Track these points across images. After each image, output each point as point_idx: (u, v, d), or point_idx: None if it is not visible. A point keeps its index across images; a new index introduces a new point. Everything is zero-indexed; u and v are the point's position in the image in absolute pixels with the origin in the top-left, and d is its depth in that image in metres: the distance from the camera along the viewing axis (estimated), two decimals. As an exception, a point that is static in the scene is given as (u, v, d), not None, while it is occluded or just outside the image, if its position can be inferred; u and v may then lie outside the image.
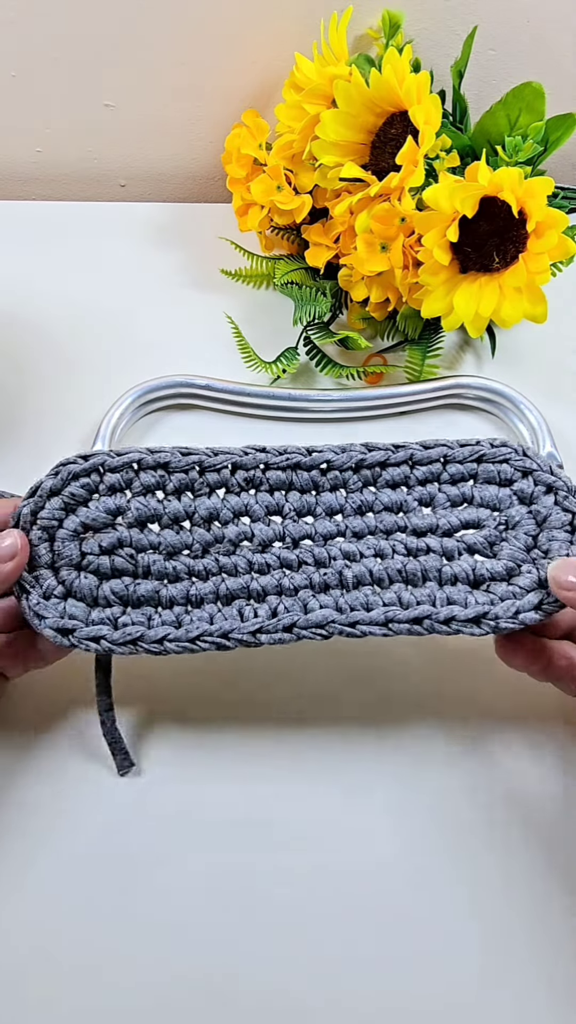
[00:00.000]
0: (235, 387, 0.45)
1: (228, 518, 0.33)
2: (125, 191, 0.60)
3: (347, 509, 0.34)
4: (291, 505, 0.34)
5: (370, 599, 0.32)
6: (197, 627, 0.31)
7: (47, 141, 0.56)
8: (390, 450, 0.34)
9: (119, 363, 0.47)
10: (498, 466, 0.34)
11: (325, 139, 0.43)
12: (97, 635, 0.31)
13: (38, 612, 0.31)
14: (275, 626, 0.31)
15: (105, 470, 0.33)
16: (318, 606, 0.32)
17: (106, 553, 0.32)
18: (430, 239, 0.41)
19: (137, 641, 0.31)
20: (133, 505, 0.33)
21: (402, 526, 0.33)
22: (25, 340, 0.49)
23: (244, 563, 0.33)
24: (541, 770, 0.35)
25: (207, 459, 0.33)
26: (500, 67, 0.53)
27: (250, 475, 0.34)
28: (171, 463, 0.33)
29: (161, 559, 0.32)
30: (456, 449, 0.34)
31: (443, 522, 0.33)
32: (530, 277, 0.40)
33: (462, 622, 0.31)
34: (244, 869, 0.32)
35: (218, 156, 0.53)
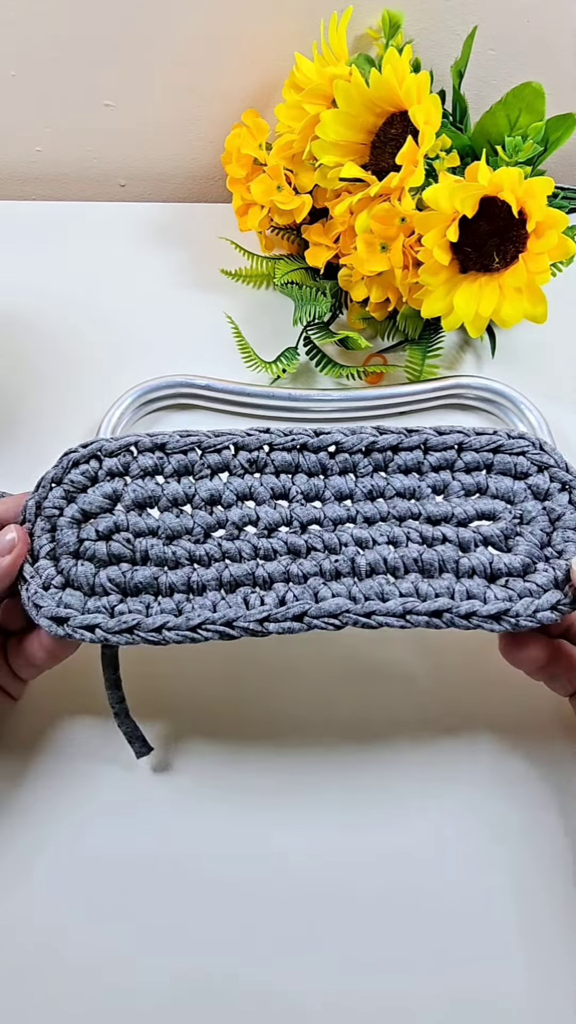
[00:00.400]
0: (235, 387, 0.45)
1: (231, 501, 0.32)
2: (125, 191, 0.60)
3: (357, 494, 0.32)
4: (298, 488, 0.32)
5: (385, 589, 0.30)
6: (198, 615, 0.29)
7: (47, 141, 0.56)
8: (403, 434, 0.33)
9: (119, 363, 0.47)
10: (515, 458, 0.33)
11: (325, 139, 0.43)
12: (92, 623, 0.30)
13: (35, 602, 0.30)
14: (284, 614, 0.29)
15: (104, 455, 0.32)
16: (330, 594, 0.30)
17: (103, 539, 0.31)
18: (430, 239, 0.41)
19: (134, 629, 0.29)
20: (130, 488, 0.32)
21: (415, 513, 0.32)
22: (25, 340, 0.49)
23: (249, 548, 0.31)
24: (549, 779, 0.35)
25: (207, 440, 0.32)
26: (500, 67, 0.53)
27: (254, 456, 0.32)
28: (169, 444, 0.32)
29: (160, 544, 0.31)
30: (472, 437, 0.33)
31: (459, 511, 0.32)
32: (530, 277, 0.40)
33: (483, 618, 0.30)
34: (249, 877, 0.32)
35: (218, 156, 0.53)
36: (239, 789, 0.34)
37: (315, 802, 0.34)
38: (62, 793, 0.34)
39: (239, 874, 0.32)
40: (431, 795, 0.34)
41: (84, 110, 0.55)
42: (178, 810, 0.34)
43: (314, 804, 0.34)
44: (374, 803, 0.34)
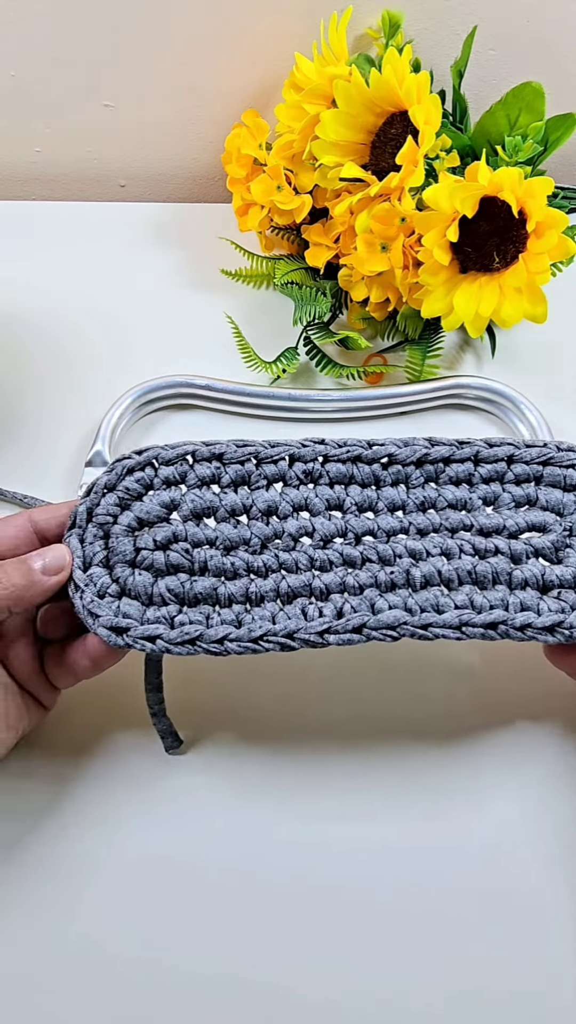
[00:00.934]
0: (235, 387, 0.45)
1: (287, 512, 0.32)
2: (125, 191, 0.60)
3: (409, 505, 0.33)
4: (352, 499, 0.32)
5: (440, 600, 0.30)
6: (260, 626, 0.30)
7: (47, 141, 0.56)
8: (454, 445, 0.33)
9: (119, 363, 0.47)
10: (564, 471, 0.33)
11: (325, 139, 0.43)
12: (153, 634, 0.30)
13: (92, 611, 0.30)
14: (344, 627, 0.30)
15: (160, 463, 0.32)
16: (387, 606, 0.30)
17: (160, 548, 0.31)
18: (430, 239, 0.41)
19: (196, 640, 0.29)
20: (188, 498, 0.32)
21: (467, 525, 0.32)
22: (25, 340, 0.49)
23: (305, 559, 0.31)
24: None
25: (264, 450, 0.32)
26: (500, 67, 0.53)
27: (309, 468, 0.32)
28: (226, 454, 0.32)
29: (218, 555, 0.31)
30: (523, 449, 0.33)
31: (510, 523, 0.32)
32: (530, 277, 0.40)
33: (537, 629, 0.30)
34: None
35: (218, 156, 0.53)
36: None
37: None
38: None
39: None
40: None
41: (84, 110, 0.55)
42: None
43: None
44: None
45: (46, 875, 0.32)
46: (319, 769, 0.35)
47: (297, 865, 0.32)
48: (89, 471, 0.41)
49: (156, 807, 0.33)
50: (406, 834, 0.33)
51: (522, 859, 0.33)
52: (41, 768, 0.34)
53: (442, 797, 0.34)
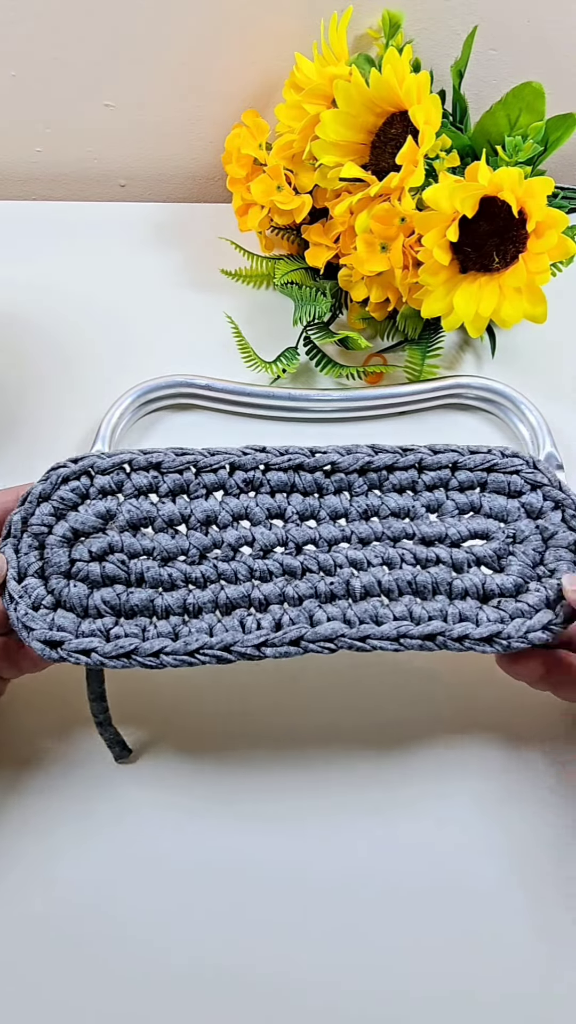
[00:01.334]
0: (235, 387, 0.45)
1: (227, 521, 0.32)
2: (125, 191, 0.60)
3: (352, 513, 0.32)
4: (293, 508, 0.32)
5: (379, 611, 0.30)
6: (196, 639, 0.29)
7: (47, 141, 0.56)
8: (398, 453, 0.33)
9: (119, 363, 0.47)
10: (508, 477, 0.33)
11: (325, 139, 0.43)
12: (88, 648, 0.29)
13: (26, 624, 0.29)
14: (280, 639, 0.29)
15: (95, 472, 0.31)
16: (325, 618, 0.30)
17: (96, 559, 0.31)
18: (430, 239, 0.41)
19: (131, 655, 0.29)
20: (124, 508, 0.31)
21: (410, 533, 0.32)
22: (25, 340, 0.49)
23: (245, 570, 0.31)
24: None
25: (203, 459, 0.32)
26: (500, 67, 0.53)
27: (249, 476, 0.32)
28: (164, 463, 0.32)
29: (155, 565, 0.31)
30: (467, 456, 0.33)
31: (452, 531, 0.32)
32: (530, 277, 0.40)
33: (475, 640, 0.30)
34: (242, 876, 0.32)
35: (218, 156, 0.53)
36: (225, 791, 0.34)
37: (303, 802, 0.34)
38: (59, 790, 0.34)
39: (232, 871, 0.32)
40: (438, 793, 0.34)
41: (84, 110, 0.55)
42: (165, 814, 0.33)
43: (302, 804, 0.34)
44: (379, 800, 0.34)
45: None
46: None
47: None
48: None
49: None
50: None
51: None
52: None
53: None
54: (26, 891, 0.32)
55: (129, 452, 0.32)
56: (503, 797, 0.34)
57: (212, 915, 0.31)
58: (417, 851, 0.33)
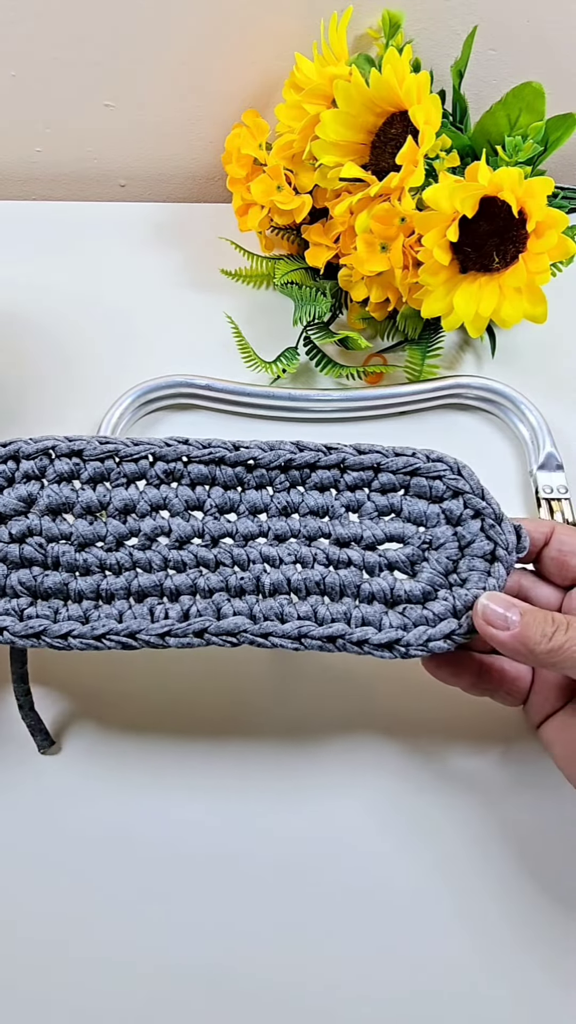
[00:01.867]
0: (235, 387, 0.45)
1: (145, 511, 0.32)
2: (125, 191, 0.60)
3: (272, 509, 0.32)
4: (213, 501, 0.32)
5: (285, 609, 0.31)
6: (104, 624, 0.30)
7: (47, 141, 0.56)
8: (321, 451, 0.33)
9: (119, 363, 0.47)
10: (431, 481, 0.32)
11: (325, 139, 0.43)
12: (0, 626, 0.30)
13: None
14: (184, 630, 0.30)
15: (21, 457, 0.32)
16: (231, 612, 0.31)
17: (15, 541, 0.31)
18: (430, 239, 0.41)
19: (40, 635, 0.30)
20: (45, 492, 0.32)
21: (326, 533, 0.32)
22: (25, 340, 0.49)
23: (159, 559, 0.31)
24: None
25: (124, 448, 0.32)
26: (500, 67, 0.53)
27: (170, 467, 0.32)
28: (86, 451, 0.32)
29: (72, 550, 0.31)
30: (391, 458, 0.32)
31: (367, 534, 0.32)
32: (530, 277, 0.40)
33: (374, 646, 0.30)
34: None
35: (218, 156, 0.53)
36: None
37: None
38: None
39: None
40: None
41: (84, 110, 0.55)
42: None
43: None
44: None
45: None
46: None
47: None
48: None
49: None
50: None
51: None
52: None
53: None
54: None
55: (54, 438, 0.32)
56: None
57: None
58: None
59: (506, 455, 0.45)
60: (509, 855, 0.33)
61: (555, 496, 0.42)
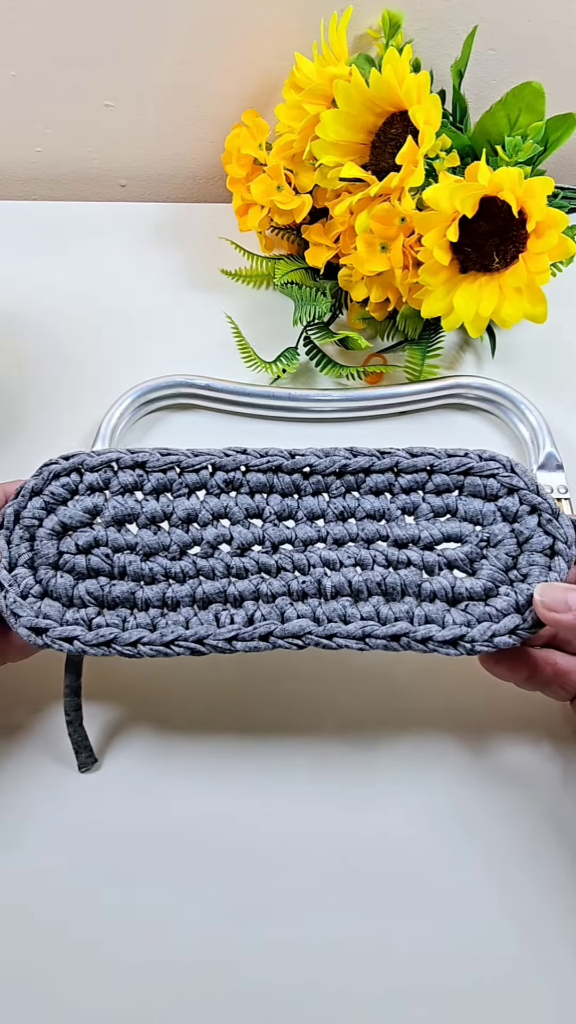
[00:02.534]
0: (235, 387, 0.45)
1: (207, 520, 0.33)
2: (125, 191, 0.60)
3: (328, 514, 0.33)
4: (272, 508, 0.33)
5: (348, 611, 0.31)
6: (172, 631, 0.31)
7: (47, 141, 0.56)
8: (375, 456, 0.33)
9: (119, 363, 0.47)
10: (485, 480, 0.33)
11: (325, 139, 0.43)
12: (71, 635, 0.31)
13: (14, 611, 0.31)
14: (251, 634, 0.31)
15: (85, 469, 0.33)
16: (295, 615, 0.31)
17: (82, 552, 0.32)
18: (430, 239, 0.41)
19: (110, 643, 0.31)
20: (110, 504, 0.32)
21: (384, 535, 0.33)
22: (25, 340, 0.49)
23: (222, 566, 0.32)
24: (544, 769, 0.35)
25: (186, 459, 0.33)
26: (500, 67, 0.53)
27: (230, 477, 0.33)
28: (149, 463, 0.33)
29: (137, 560, 0.32)
30: (444, 459, 0.33)
31: (425, 534, 0.32)
32: (530, 277, 0.40)
33: (438, 643, 0.30)
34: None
35: (218, 156, 0.53)
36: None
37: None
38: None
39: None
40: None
41: (84, 110, 0.55)
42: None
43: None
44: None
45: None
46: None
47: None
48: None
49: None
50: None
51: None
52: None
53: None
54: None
55: (117, 451, 0.33)
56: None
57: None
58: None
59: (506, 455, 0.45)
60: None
61: (555, 496, 0.42)
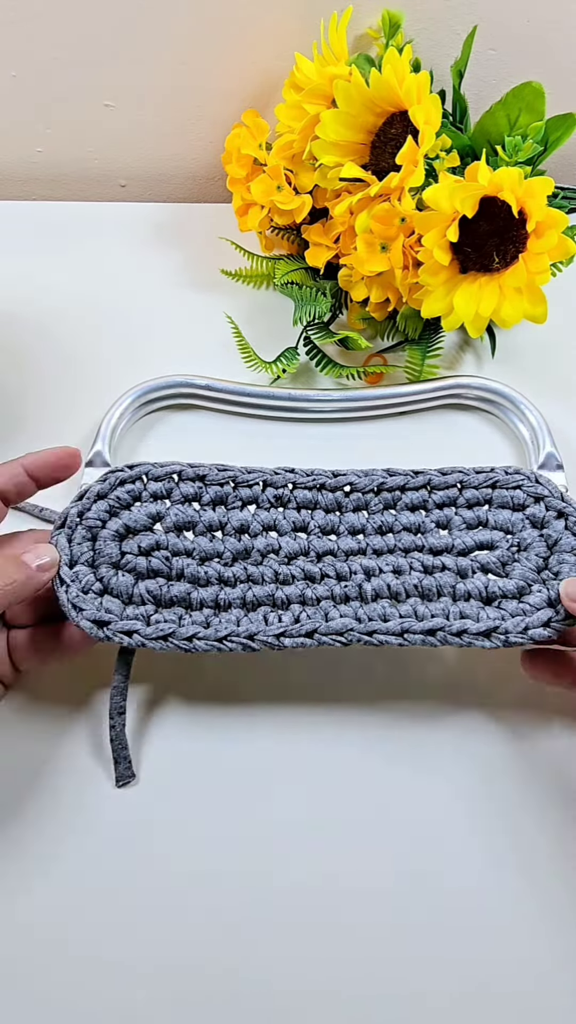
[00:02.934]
0: (235, 387, 0.45)
1: (257, 531, 0.36)
2: (125, 191, 0.60)
3: (368, 529, 0.36)
4: (316, 523, 0.36)
5: (387, 611, 0.33)
6: (225, 627, 0.33)
7: (47, 141, 0.56)
8: (409, 475, 0.36)
9: (119, 363, 0.47)
10: (511, 492, 0.36)
11: (325, 139, 0.43)
12: (131, 629, 0.32)
13: (76, 604, 0.32)
14: (297, 631, 0.33)
15: (149, 479, 0.36)
16: (338, 615, 0.33)
17: (144, 554, 0.34)
18: (430, 239, 0.41)
19: (168, 637, 0.32)
20: (172, 512, 0.35)
21: (419, 545, 0.35)
22: (25, 340, 0.49)
23: (271, 573, 0.35)
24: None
25: (241, 475, 0.36)
26: (500, 67, 0.53)
27: (279, 493, 0.36)
28: (208, 476, 0.36)
29: (194, 564, 0.35)
30: (471, 475, 0.36)
31: (458, 542, 0.35)
32: (530, 277, 0.40)
33: (473, 635, 0.32)
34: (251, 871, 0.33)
35: (218, 156, 0.53)
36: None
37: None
38: (62, 792, 0.34)
39: (244, 876, 0.33)
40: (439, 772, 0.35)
41: (84, 110, 0.55)
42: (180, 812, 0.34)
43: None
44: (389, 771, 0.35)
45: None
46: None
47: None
48: (89, 471, 0.41)
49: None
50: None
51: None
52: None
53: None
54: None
55: (178, 464, 0.36)
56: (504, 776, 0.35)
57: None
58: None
59: (506, 455, 0.45)
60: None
61: (555, 496, 0.42)
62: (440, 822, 0.34)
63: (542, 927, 0.32)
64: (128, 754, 0.34)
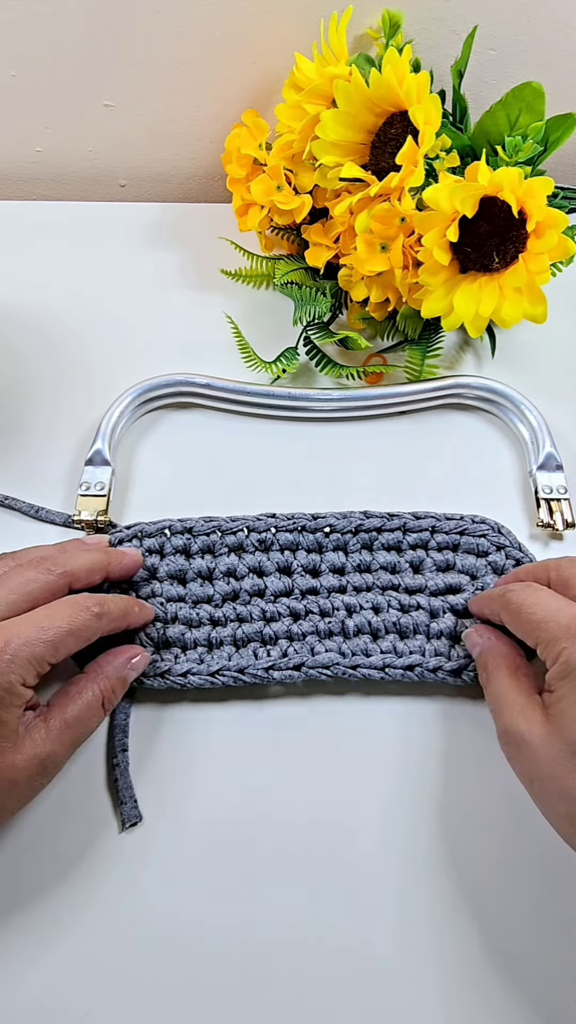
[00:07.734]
0: (235, 386, 0.45)
1: (244, 574, 0.38)
2: (125, 191, 0.60)
3: (348, 567, 0.39)
4: (299, 563, 0.39)
5: (368, 646, 0.36)
6: (217, 663, 0.36)
7: (47, 141, 0.56)
8: (385, 517, 0.40)
9: (119, 362, 0.47)
10: (477, 540, 0.39)
11: (325, 139, 0.43)
12: None
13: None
14: (285, 664, 0.36)
15: (143, 536, 0.39)
16: (324, 650, 0.36)
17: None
18: (430, 239, 0.41)
19: (165, 674, 0.35)
20: (164, 563, 0.38)
21: (396, 584, 0.38)
22: (25, 339, 0.49)
23: (258, 612, 0.37)
24: None
25: (225, 524, 0.39)
26: (500, 67, 0.53)
27: (262, 537, 0.39)
28: (195, 528, 0.39)
29: (187, 607, 0.37)
30: (443, 521, 0.40)
31: (431, 584, 0.38)
32: (530, 277, 0.40)
33: (447, 672, 0.36)
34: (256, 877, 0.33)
35: (218, 156, 0.53)
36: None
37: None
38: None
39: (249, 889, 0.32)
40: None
41: (84, 110, 0.55)
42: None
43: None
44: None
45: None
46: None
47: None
48: (89, 470, 0.42)
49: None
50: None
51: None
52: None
53: None
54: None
55: (169, 520, 0.39)
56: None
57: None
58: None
59: (506, 455, 0.45)
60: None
61: (554, 496, 0.42)
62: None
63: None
64: (133, 793, 0.33)
